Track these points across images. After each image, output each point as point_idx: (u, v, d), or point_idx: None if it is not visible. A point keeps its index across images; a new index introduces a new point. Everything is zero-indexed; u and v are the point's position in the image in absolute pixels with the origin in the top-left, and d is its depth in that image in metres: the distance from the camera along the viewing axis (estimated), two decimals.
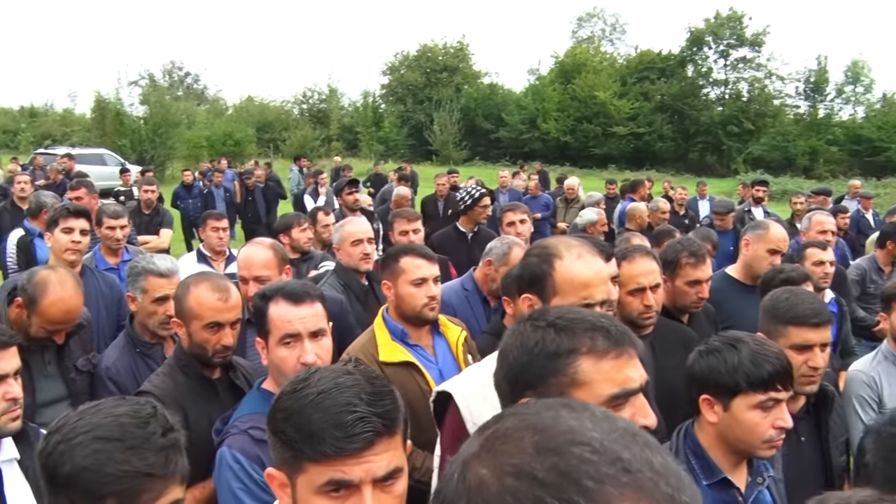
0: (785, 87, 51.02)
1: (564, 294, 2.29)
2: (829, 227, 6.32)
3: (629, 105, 48.51)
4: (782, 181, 34.87)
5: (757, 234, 4.89)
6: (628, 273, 3.62)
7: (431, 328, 3.67)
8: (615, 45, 61.44)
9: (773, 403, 2.36)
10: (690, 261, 4.09)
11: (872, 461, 1.88)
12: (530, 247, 2.63)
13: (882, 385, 3.89)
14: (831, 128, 47.39)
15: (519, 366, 1.70)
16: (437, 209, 12.18)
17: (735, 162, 44.85)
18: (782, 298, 3.03)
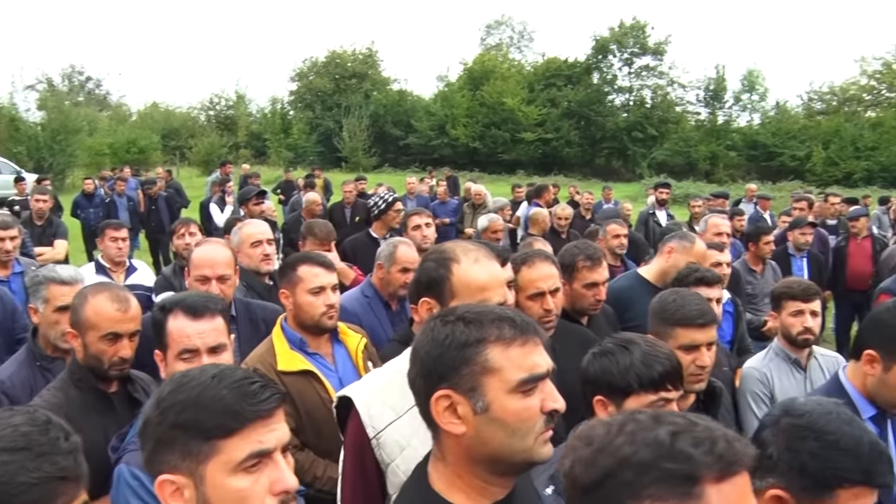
0: (686, 94, 52.57)
1: (462, 297, 2.33)
2: (724, 230, 6.54)
3: (537, 111, 49.17)
4: (685, 185, 35.85)
5: (683, 246, 5.01)
6: (528, 278, 3.68)
7: (331, 336, 3.66)
8: (523, 52, 62.25)
9: (664, 403, 2.42)
10: (587, 264, 4.18)
11: (776, 453, 1.94)
12: (427, 252, 2.65)
13: (774, 381, 4.06)
14: (730, 134, 48.96)
15: (432, 359, 1.74)
16: (344, 216, 12.14)
17: (640, 167, 45.92)
18: (669, 300, 3.12)
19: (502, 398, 1.69)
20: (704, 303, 3.13)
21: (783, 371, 4.12)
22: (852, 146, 44.08)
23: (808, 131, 46.46)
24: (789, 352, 4.18)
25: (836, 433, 1.91)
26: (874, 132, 44.57)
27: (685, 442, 1.25)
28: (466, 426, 1.71)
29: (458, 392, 1.71)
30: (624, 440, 1.28)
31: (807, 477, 1.88)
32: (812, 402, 2.06)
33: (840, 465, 1.87)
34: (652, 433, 1.27)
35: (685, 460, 1.23)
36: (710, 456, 1.24)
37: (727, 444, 1.26)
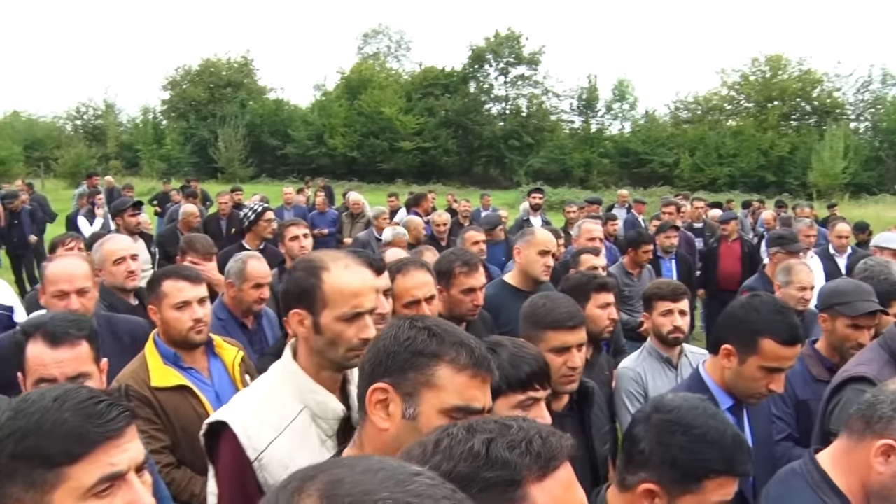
0: (560, 103, 53.90)
1: (335, 305, 2.30)
2: (596, 234, 6.69)
3: (415, 120, 49.41)
4: (561, 192, 36.75)
5: (526, 241, 5.09)
6: (403, 286, 3.66)
7: (206, 350, 3.57)
8: (400, 61, 62.41)
9: (532, 402, 2.46)
10: (464, 270, 4.19)
11: (648, 447, 1.99)
12: (296, 262, 2.61)
13: (647, 379, 4.17)
14: (603, 141, 50.49)
15: (386, 353, 1.79)
16: (220, 228, 11.85)
17: (517, 174, 46.71)
18: (539, 305, 3.16)
19: (432, 414, 1.74)
20: (573, 306, 3.18)
21: (656, 369, 4.24)
22: (716, 153, 46.22)
23: (676, 139, 48.43)
24: (661, 351, 4.30)
25: (702, 427, 1.97)
26: (735, 140, 46.85)
27: (500, 447, 1.27)
28: (391, 425, 1.76)
29: (396, 391, 1.77)
30: (441, 457, 1.29)
31: (677, 469, 1.94)
32: (679, 398, 2.12)
33: (707, 456, 1.94)
34: (467, 445, 1.29)
35: (503, 466, 1.26)
36: (528, 456, 1.27)
37: (543, 440, 1.30)
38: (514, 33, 52.69)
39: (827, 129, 44.50)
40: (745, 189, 40.39)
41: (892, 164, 45.89)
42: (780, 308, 2.89)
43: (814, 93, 49.82)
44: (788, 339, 2.80)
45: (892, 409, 2.21)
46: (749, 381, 2.86)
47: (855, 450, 2.27)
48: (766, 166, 45.77)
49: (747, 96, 50.82)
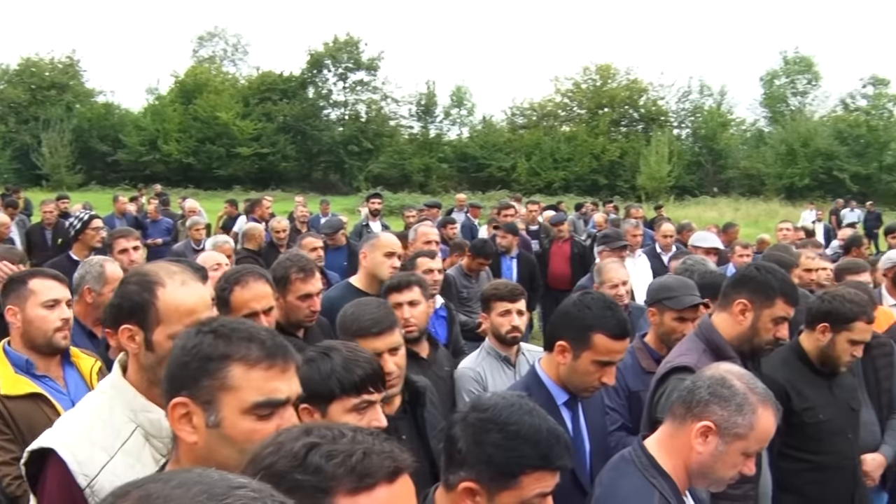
0: (399, 108, 54.11)
1: (169, 322, 2.20)
2: (432, 238, 6.73)
3: (252, 126, 48.37)
4: (401, 196, 36.97)
5: (371, 244, 5.14)
6: (241, 298, 3.56)
7: (62, 359, 3.42)
8: (237, 65, 60.89)
9: (367, 406, 2.46)
10: (300, 276, 4.13)
11: (465, 447, 2.02)
12: (128, 274, 2.49)
13: (487, 379, 4.23)
14: (441, 147, 51.21)
15: (177, 365, 1.74)
16: (44, 238, 11.25)
17: (357, 180, 46.61)
18: (348, 313, 3.17)
19: (235, 417, 1.70)
20: (381, 311, 3.18)
21: (495, 368, 4.31)
22: (551, 158, 47.75)
23: (513, 144, 49.71)
24: (499, 350, 4.37)
25: (517, 424, 2.02)
26: (569, 145, 48.59)
27: (319, 455, 1.30)
28: (199, 437, 1.71)
29: (195, 402, 1.71)
30: (271, 450, 1.33)
31: (493, 467, 1.98)
32: (497, 396, 2.18)
33: (522, 452, 1.98)
34: (293, 445, 1.32)
35: (315, 472, 1.29)
36: (342, 469, 1.29)
37: (364, 457, 1.31)
38: (353, 39, 52.58)
39: (653, 136, 46.87)
40: (580, 192, 41.94)
41: (710, 168, 48.93)
42: (609, 304, 3.01)
43: (640, 101, 52.33)
44: (619, 334, 2.92)
45: (708, 394, 2.38)
46: (583, 376, 2.96)
47: (678, 433, 2.42)
48: (598, 170, 47.69)
49: (579, 103, 52.75)
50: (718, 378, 2.41)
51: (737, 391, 2.37)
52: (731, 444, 2.34)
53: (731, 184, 48.24)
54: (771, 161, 46.36)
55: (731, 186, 47.68)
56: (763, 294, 3.33)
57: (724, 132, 50.80)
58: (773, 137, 48.98)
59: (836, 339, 3.92)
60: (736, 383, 2.39)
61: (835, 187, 41.89)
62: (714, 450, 2.35)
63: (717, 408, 2.36)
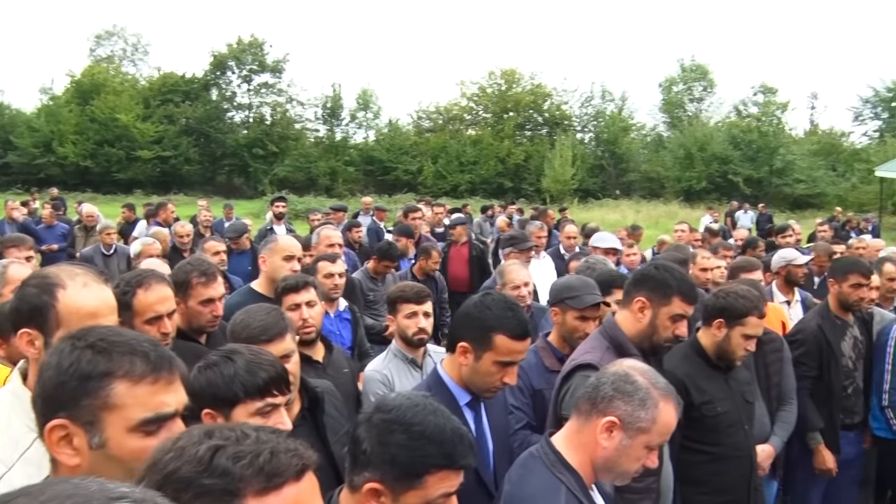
0: (305, 111, 53.46)
1: (69, 325, 2.12)
2: (335, 241, 6.69)
3: (154, 128, 47.07)
4: (307, 200, 36.57)
5: (269, 248, 5.10)
6: (144, 301, 3.45)
7: None
8: (137, 66, 59.29)
9: (271, 409, 2.44)
10: (201, 280, 4.04)
11: (369, 448, 2.02)
12: (28, 276, 2.41)
13: (394, 381, 4.24)
14: (348, 150, 50.87)
15: (53, 386, 1.64)
16: None
17: (262, 184, 45.90)
18: (238, 321, 3.15)
19: (120, 436, 1.63)
20: (270, 317, 3.15)
21: (402, 371, 4.33)
22: (457, 161, 48.00)
23: (419, 147, 49.74)
24: (406, 352, 4.39)
25: (421, 424, 2.02)
26: (475, 148, 48.93)
27: (225, 457, 1.28)
28: (81, 459, 1.62)
29: (75, 423, 1.63)
30: (172, 456, 1.30)
31: (397, 467, 1.98)
32: (402, 396, 2.17)
33: (426, 452, 1.99)
34: (196, 449, 1.29)
35: (222, 475, 1.27)
36: (250, 469, 1.28)
37: (271, 456, 1.31)
38: (258, 40, 51.78)
39: (557, 140, 47.57)
40: (485, 195, 42.36)
41: (612, 171, 49.99)
42: (510, 305, 3.03)
43: (544, 105, 53.06)
44: (519, 334, 2.94)
45: (612, 390, 2.45)
46: (485, 376, 2.97)
47: (583, 429, 2.48)
48: (503, 173, 48.16)
49: (485, 107, 53.16)
50: (622, 374, 2.48)
51: (640, 386, 2.44)
52: (634, 437, 2.41)
53: (632, 186, 49.37)
54: (670, 165, 47.64)
55: (633, 189, 48.80)
56: (660, 292, 3.41)
57: (625, 136, 51.94)
58: (671, 142, 50.36)
59: (730, 333, 4.09)
60: (639, 379, 2.46)
61: (729, 190, 43.29)
62: (618, 444, 2.41)
63: (621, 403, 2.42)
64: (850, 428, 5.47)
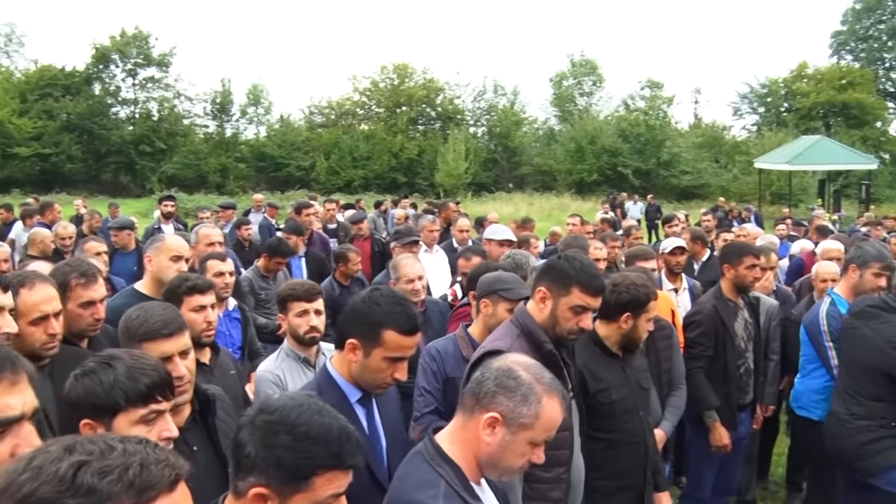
0: (194, 107, 51.99)
1: None
2: (215, 239, 6.43)
3: (32, 124, 44.97)
4: (197, 198, 35.81)
5: (156, 248, 4.94)
6: (29, 301, 3.29)
7: None
8: (12, 58, 56.68)
9: (156, 416, 2.35)
10: (81, 281, 3.87)
11: (253, 451, 1.95)
12: None
13: (287, 381, 4.15)
14: (239, 146, 49.78)
15: None
16: None
17: (150, 181, 44.62)
18: (133, 317, 3.03)
19: None
20: (169, 312, 3.07)
21: (294, 370, 4.24)
22: (350, 156, 47.76)
23: (311, 143, 49.25)
24: (298, 351, 4.31)
25: (306, 424, 1.97)
26: (368, 143, 48.75)
27: (90, 474, 1.21)
28: None
29: None
30: (28, 476, 1.21)
31: (283, 470, 1.92)
32: (286, 397, 2.11)
33: (312, 453, 1.94)
34: (55, 467, 1.21)
35: (88, 494, 1.20)
36: (119, 485, 1.22)
37: (141, 469, 1.24)
38: (143, 33, 50.07)
39: (450, 134, 47.87)
40: (379, 190, 42.29)
41: (505, 165, 50.61)
42: (399, 300, 3.00)
43: (437, 100, 53.24)
44: (409, 329, 2.92)
45: (495, 385, 2.43)
46: (375, 372, 2.95)
47: (468, 424, 2.46)
48: (397, 168, 48.15)
49: (378, 102, 53.01)
50: (505, 369, 2.46)
51: (522, 382, 2.42)
52: (517, 433, 2.39)
53: (525, 180, 50.08)
54: (562, 158, 48.58)
55: (526, 182, 49.50)
56: (559, 283, 3.41)
57: (517, 130, 52.59)
58: (563, 135, 51.31)
59: (637, 322, 4.21)
60: (522, 374, 2.44)
61: (619, 182, 44.47)
62: (501, 440, 2.39)
63: (504, 399, 2.40)
64: (742, 408, 5.67)
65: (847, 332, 4.99)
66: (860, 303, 5.09)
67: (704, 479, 5.68)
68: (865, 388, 4.77)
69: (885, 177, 46.24)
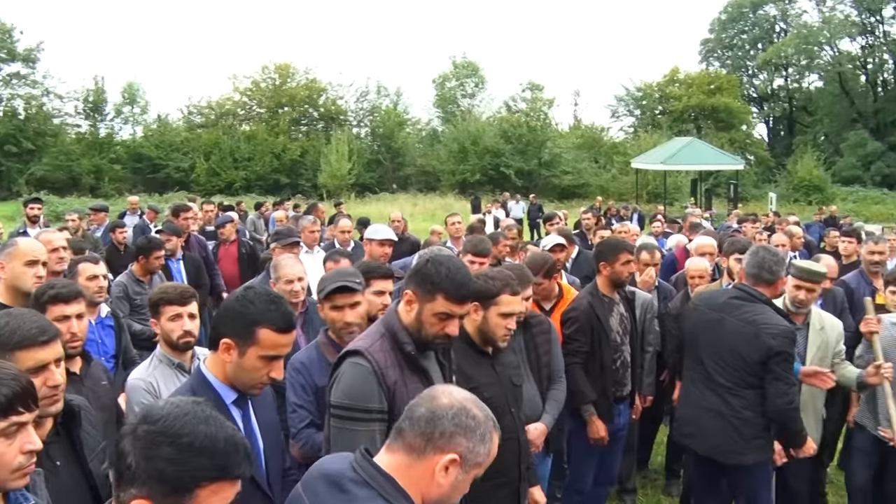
0: (64, 105, 49.96)
1: None
2: (57, 245, 5.99)
3: None
4: (69, 201, 34.59)
5: (8, 253, 4.68)
6: None
7: None
8: None
9: (17, 428, 2.22)
10: None
11: (134, 462, 1.87)
12: None
13: (160, 388, 4.01)
14: (114, 147, 48.05)
15: None
16: None
17: (17, 184, 42.57)
18: (2, 325, 2.84)
19: None
20: (44, 320, 2.93)
21: (168, 377, 4.11)
22: (231, 157, 46.92)
23: (191, 143, 48.14)
24: (172, 356, 4.18)
25: (190, 434, 1.90)
26: (249, 144, 48.04)
27: None
28: None
29: None
30: None
31: (166, 482, 1.85)
32: (171, 404, 2.01)
33: (196, 465, 1.87)
34: None
35: None
36: None
37: None
38: (6, 26, 47.74)
39: (333, 135, 47.63)
40: (261, 192, 41.64)
41: (389, 166, 50.68)
42: (273, 298, 2.95)
43: (320, 100, 52.98)
44: (283, 327, 2.87)
45: (453, 425, 2.30)
46: (250, 372, 2.89)
47: (416, 465, 2.32)
48: (279, 169, 47.59)
49: (259, 102, 52.28)
50: (461, 408, 2.35)
51: (480, 421, 2.35)
52: (469, 472, 2.33)
53: (409, 180, 50.30)
54: (445, 158, 49.00)
55: (410, 183, 49.73)
56: (424, 288, 3.30)
57: (401, 131, 52.83)
58: (446, 136, 51.81)
59: (487, 315, 4.17)
60: (477, 413, 2.36)
61: (502, 182, 45.17)
62: (454, 480, 2.31)
63: (464, 440, 2.30)
64: (620, 400, 5.80)
65: (711, 325, 5.13)
66: (717, 296, 5.34)
67: (585, 471, 5.80)
68: (742, 378, 4.95)
69: (750, 177, 48.56)
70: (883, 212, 38.42)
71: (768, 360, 4.80)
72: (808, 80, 62.18)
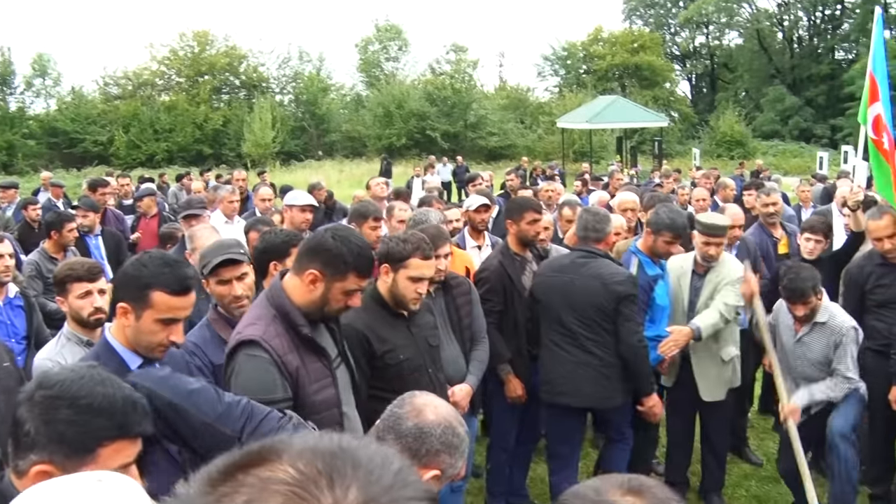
0: None
1: None
2: None
3: None
4: None
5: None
6: None
7: None
8: None
9: None
10: None
11: (34, 428, 1.89)
12: None
13: None
14: (26, 121, 46.49)
15: None
16: None
17: None
18: None
19: None
20: None
21: (78, 355, 3.96)
22: (151, 129, 45.84)
23: (108, 116, 46.79)
24: (81, 334, 4.08)
25: (88, 396, 1.92)
26: (170, 115, 46.96)
27: None
28: None
29: None
30: None
31: (66, 444, 1.88)
32: (66, 369, 2.05)
33: (96, 425, 1.90)
34: None
35: None
36: None
37: None
38: None
39: (255, 103, 46.80)
40: (184, 163, 40.70)
41: (314, 132, 50.10)
42: (168, 261, 2.92)
43: (241, 68, 51.98)
44: (178, 290, 2.84)
45: (440, 444, 2.39)
46: (149, 335, 2.86)
47: None
48: (202, 140, 46.71)
49: (178, 71, 51.05)
50: (448, 427, 2.42)
51: (462, 438, 2.44)
52: (443, 484, 2.45)
53: (334, 147, 49.82)
54: (370, 123, 48.60)
55: (335, 149, 49.24)
56: (334, 267, 3.20)
57: (325, 97, 52.19)
58: (370, 101, 51.26)
59: (396, 277, 4.14)
60: (461, 430, 2.44)
61: (428, 146, 45.03)
62: None
63: (447, 457, 2.39)
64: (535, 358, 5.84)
65: (563, 286, 5.31)
66: (560, 259, 5.72)
67: (507, 429, 5.87)
68: (603, 329, 5.21)
69: (674, 133, 49.29)
70: (801, 165, 39.32)
71: (618, 304, 5.11)
72: (728, 38, 63.19)
